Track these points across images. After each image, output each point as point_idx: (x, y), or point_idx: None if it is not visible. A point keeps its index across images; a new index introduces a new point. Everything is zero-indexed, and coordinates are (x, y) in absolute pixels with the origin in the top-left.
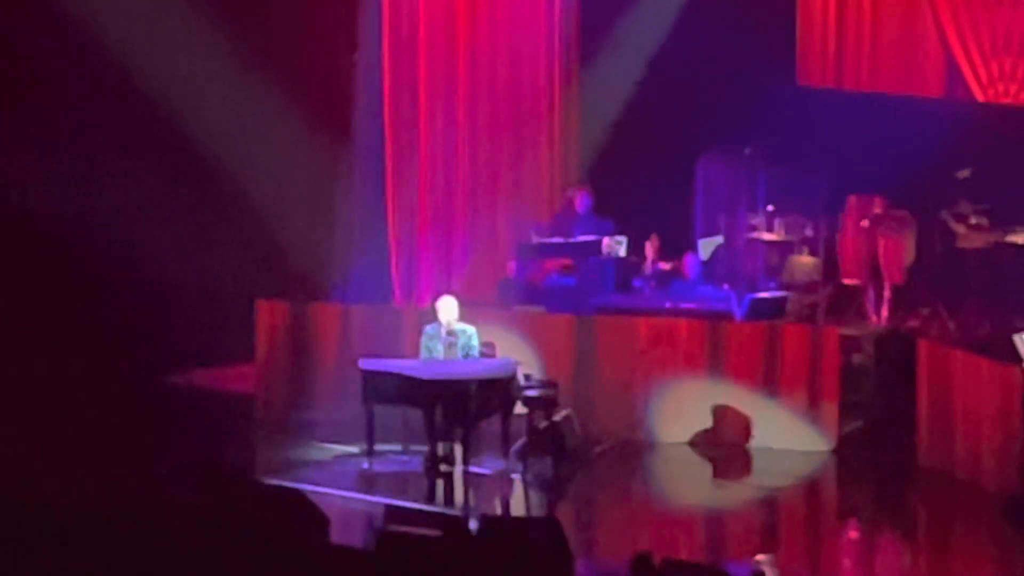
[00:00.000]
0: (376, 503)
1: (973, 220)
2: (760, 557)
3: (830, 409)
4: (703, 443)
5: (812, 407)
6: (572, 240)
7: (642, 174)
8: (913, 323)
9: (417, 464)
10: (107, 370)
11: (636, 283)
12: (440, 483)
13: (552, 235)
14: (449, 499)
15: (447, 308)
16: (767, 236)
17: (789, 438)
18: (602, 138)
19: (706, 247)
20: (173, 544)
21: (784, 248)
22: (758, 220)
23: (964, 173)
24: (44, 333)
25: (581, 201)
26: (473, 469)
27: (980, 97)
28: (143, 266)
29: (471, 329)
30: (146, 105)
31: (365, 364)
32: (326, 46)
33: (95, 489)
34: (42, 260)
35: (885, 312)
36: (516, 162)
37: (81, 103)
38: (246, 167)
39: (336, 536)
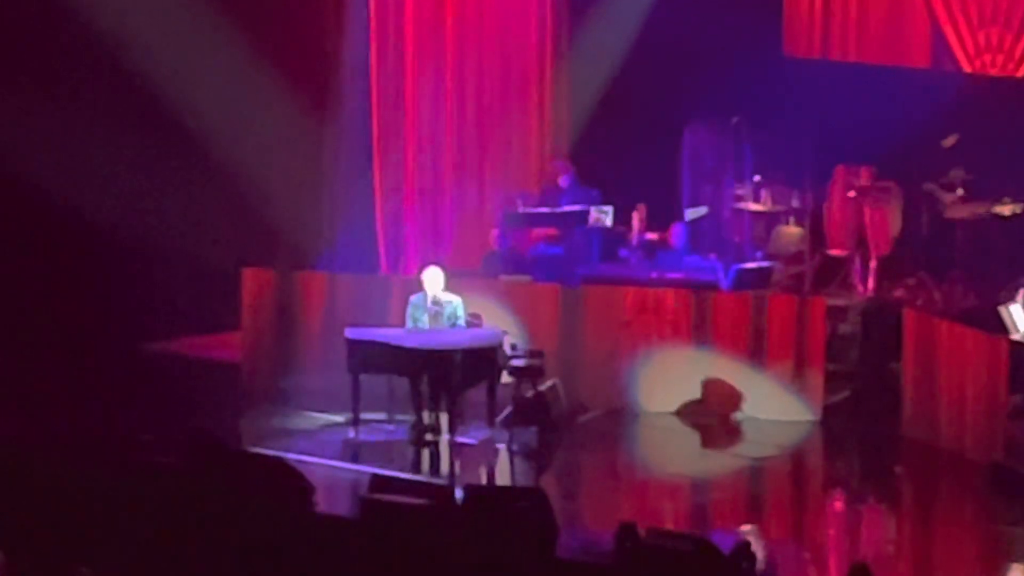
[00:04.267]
0: (361, 472)
1: (960, 191)
2: (745, 527)
3: (815, 379)
4: (690, 413)
5: (798, 377)
6: (558, 210)
7: (629, 144)
8: (899, 293)
9: (402, 433)
10: (93, 338)
11: (622, 253)
12: (425, 452)
13: (538, 206)
14: (434, 468)
15: (433, 279)
16: (753, 206)
17: (774, 408)
18: (589, 108)
19: (692, 216)
20: (158, 512)
21: (770, 218)
22: (744, 190)
23: (949, 140)
24: (30, 301)
25: (563, 177)
26: (458, 438)
27: (967, 68)
28: (130, 234)
29: (457, 299)
30: (134, 76)
31: (351, 333)
32: (313, 19)
33: (80, 457)
34: (28, 228)
35: (871, 282)
36: (504, 132)
37: (68, 74)
38: (232, 136)
39: (321, 505)
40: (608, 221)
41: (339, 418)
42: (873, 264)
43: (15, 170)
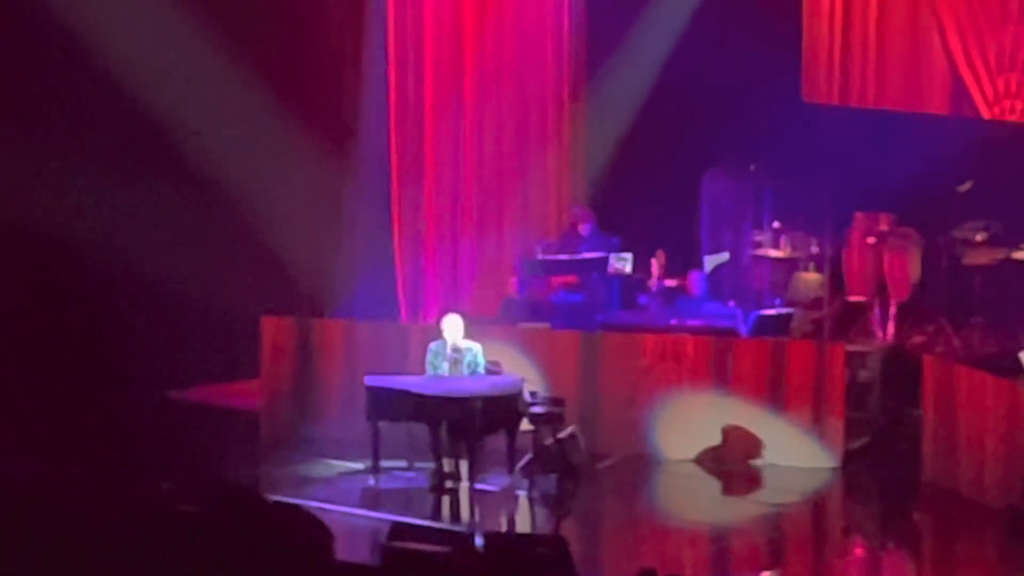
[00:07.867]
0: (381, 519)
1: (979, 238)
2: (765, 574)
3: (835, 425)
4: (710, 460)
5: (817, 423)
6: (578, 256)
7: (648, 191)
8: (918, 340)
9: (422, 480)
10: (113, 385)
11: (641, 300)
12: (445, 500)
13: (558, 252)
14: (455, 516)
15: (452, 327)
16: (773, 253)
17: (794, 454)
18: (608, 155)
19: (712, 264)
20: (178, 560)
21: (790, 265)
22: (764, 237)
23: (965, 186)
24: (51, 348)
25: (584, 226)
26: (478, 486)
27: (986, 114)
28: (149, 282)
29: (476, 346)
30: (153, 122)
31: (370, 380)
32: (332, 65)
33: (99, 504)
34: (49, 275)
35: (891, 329)
36: (522, 179)
37: (89, 120)
38: (252, 183)
39: (341, 553)
40: (627, 268)
41: (359, 466)
42: (892, 310)
43: (37, 218)
